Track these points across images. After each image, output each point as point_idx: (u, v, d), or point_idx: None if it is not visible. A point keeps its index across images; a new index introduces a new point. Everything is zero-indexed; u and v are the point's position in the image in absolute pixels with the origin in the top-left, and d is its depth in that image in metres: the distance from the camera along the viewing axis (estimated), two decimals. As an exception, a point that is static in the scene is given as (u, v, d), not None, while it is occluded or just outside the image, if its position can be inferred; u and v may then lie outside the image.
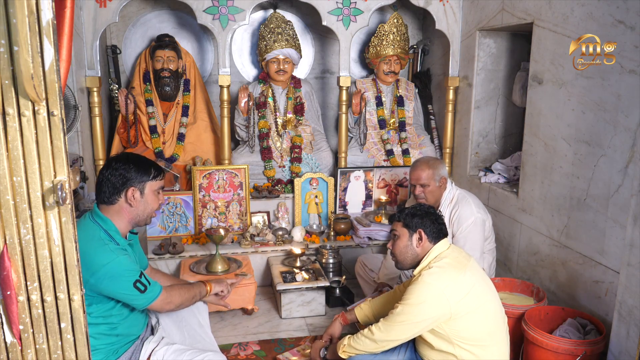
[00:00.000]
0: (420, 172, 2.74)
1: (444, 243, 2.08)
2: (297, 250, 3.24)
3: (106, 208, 1.95)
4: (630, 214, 2.00)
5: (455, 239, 2.71)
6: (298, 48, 3.94)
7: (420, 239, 2.06)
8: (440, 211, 2.75)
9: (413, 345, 2.17)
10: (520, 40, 3.62)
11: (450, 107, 3.94)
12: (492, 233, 2.85)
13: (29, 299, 1.22)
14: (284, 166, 3.93)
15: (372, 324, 2.11)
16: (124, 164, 1.96)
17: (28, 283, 1.21)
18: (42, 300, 1.23)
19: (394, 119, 4.20)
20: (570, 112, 2.62)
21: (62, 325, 1.25)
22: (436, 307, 1.92)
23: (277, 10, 4.06)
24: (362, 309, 2.43)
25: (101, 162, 3.58)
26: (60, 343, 1.26)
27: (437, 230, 2.07)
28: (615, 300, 2.11)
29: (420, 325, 1.97)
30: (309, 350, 2.63)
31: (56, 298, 1.23)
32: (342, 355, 2.16)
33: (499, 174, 3.57)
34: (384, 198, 3.85)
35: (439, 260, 2.01)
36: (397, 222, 2.15)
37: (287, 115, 4.02)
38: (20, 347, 1.24)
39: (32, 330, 1.24)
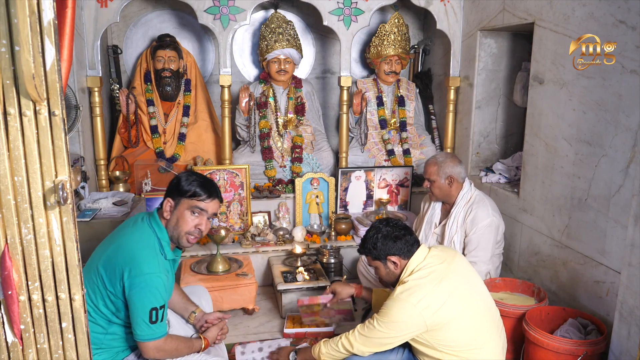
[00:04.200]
0: (427, 167, 2.87)
1: (419, 253, 2.06)
2: (298, 250, 3.23)
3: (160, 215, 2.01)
4: (631, 214, 1.99)
5: (468, 239, 2.72)
6: (299, 48, 3.94)
7: (395, 262, 2.05)
8: (454, 212, 2.78)
9: (410, 345, 2.17)
10: (521, 40, 3.62)
11: (451, 107, 3.94)
12: (502, 238, 2.89)
13: (30, 299, 1.22)
14: (284, 166, 3.93)
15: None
16: (181, 175, 2.01)
17: (29, 283, 1.21)
18: (43, 300, 1.23)
19: (394, 119, 4.20)
20: (571, 112, 2.62)
21: (63, 325, 1.25)
22: (410, 323, 1.93)
23: (278, 10, 4.06)
24: (378, 294, 2.43)
25: (102, 162, 3.58)
26: (61, 343, 1.26)
27: (407, 245, 2.05)
28: (616, 301, 2.10)
29: (398, 339, 1.99)
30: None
31: (57, 298, 1.23)
32: None
33: (500, 174, 3.56)
34: (385, 198, 3.85)
35: (415, 274, 2.00)
36: (366, 256, 2.15)
37: (288, 115, 4.02)
38: (21, 347, 1.24)
39: (33, 330, 1.24)
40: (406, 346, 2.16)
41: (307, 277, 3.08)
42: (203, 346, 2.11)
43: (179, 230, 1.96)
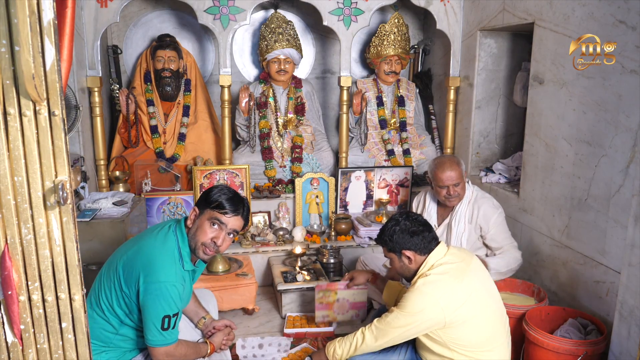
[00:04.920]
0: (452, 173, 2.71)
1: (439, 250, 2.04)
2: (297, 250, 3.23)
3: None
4: (631, 214, 1.99)
5: (490, 235, 2.71)
6: (299, 48, 3.94)
7: (409, 257, 2.03)
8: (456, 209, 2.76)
9: (413, 345, 2.17)
10: (521, 40, 3.62)
11: (451, 107, 3.94)
12: None
13: (30, 299, 1.22)
14: (284, 166, 3.93)
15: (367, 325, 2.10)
16: (214, 186, 2.02)
17: (29, 283, 1.21)
18: (43, 300, 1.23)
19: (394, 119, 4.20)
20: (571, 112, 2.62)
21: (63, 325, 1.25)
22: (431, 316, 1.92)
23: (278, 10, 4.06)
24: (390, 289, 2.40)
25: (102, 162, 3.58)
26: (61, 343, 1.26)
27: (424, 242, 2.02)
28: (616, 301, 2.10)
29: (414, 332, 1.99)
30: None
31: (57, 298, 1.23)
32: None
33: (500, 174, 3.56)
34: (384, 198, 3.85)
35: (436, 268, 1.98)
36: (382, 247, 2.14)
37: (288, 115, 4.02)
38: (21, 347, 1.24)
39: (33, 330, 1.24)
40: (409, 345, 2.16)
41: (307, 277, 3.08)
42: (209, 351, 2.12)
43: (196, 239, 1.95)
